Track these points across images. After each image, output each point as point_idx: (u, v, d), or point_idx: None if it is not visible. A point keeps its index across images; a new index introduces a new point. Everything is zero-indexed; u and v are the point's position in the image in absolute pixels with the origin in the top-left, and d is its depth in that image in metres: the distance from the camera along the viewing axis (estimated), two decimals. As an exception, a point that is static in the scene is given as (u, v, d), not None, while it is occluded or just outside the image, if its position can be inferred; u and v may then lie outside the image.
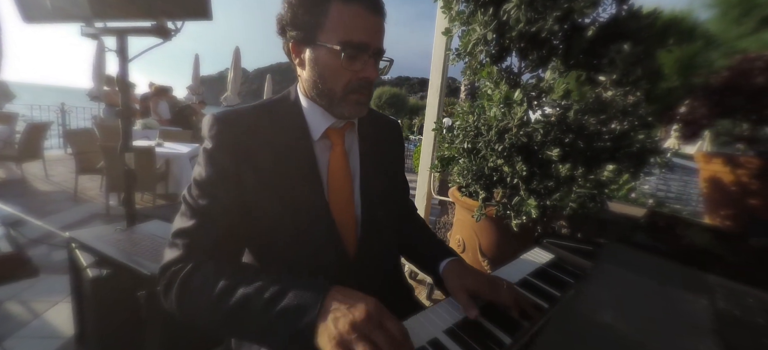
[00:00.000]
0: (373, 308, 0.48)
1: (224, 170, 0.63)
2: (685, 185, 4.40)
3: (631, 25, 1.35)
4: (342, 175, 0.72)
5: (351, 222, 0.73)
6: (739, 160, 1.76)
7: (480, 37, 1.56)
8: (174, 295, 0.58)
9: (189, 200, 0.64)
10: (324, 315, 0.48)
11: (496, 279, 0.67)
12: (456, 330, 0.58)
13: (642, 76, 1.30)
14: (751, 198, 1.70)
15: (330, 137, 0.72)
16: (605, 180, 1.25)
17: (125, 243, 1.25)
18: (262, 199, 0.65)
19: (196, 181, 0.64)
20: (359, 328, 0.45)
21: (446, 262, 0.76)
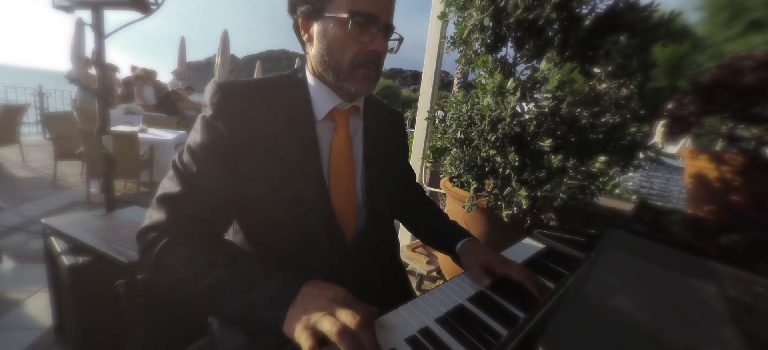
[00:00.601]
0: (340, 295, 0.49)
1: (221, 139, 0.60)
2: (667, 182, 4.52)
3: (629, 17, 1.34)
4: (344, 159, 0.70)
5: (351, 208, 0.72)
6: (725, 157, 1.80)
7: (476, 22, 1.53)
8: (151, 263, 0.56)
9: (179, 165, 0.61)
10: (295, 303, 0.48)
11: (507, 259, 0.70)
12: (447, 318, 0.57)
13: (637, 69, 1.30)
14: (734, 194, 1.74)
15: (334, 119, 0.70)
16: (596, 172, 1.25)
17: (103, 230, 1.20)
18: (258, 176, 0.62)
19: (190, 147, 0.61)
20: (324, 309, 0.46)
21: (464, 241, 0.78)
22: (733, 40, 4.86)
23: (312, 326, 0.45)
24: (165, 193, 0.60)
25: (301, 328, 0.45)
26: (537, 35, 1.54)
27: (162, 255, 0.55)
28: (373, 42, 0.63)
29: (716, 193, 1.81)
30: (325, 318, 0.44)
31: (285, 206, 0.64)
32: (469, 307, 0.61)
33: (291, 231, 0.65)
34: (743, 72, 1.63)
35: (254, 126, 0.62)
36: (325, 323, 0.43)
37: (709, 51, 4.82)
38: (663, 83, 5.41)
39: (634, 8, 1.35)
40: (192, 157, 0.61)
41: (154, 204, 0.61)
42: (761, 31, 4.71)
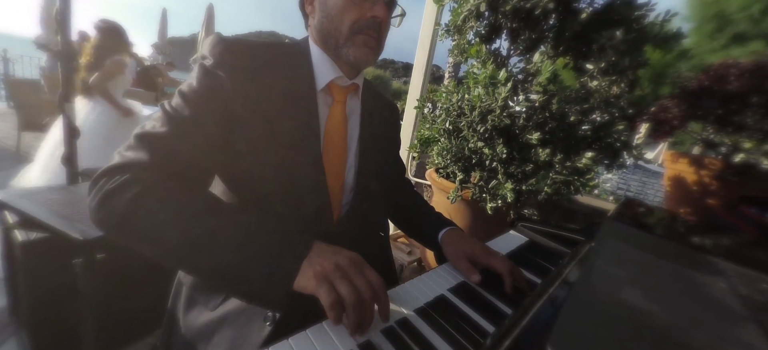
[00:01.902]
0: (356, 257, 0.48)
1: (219, 87, 0.56)
2: (644, 185, 4.69)
3: (626, 13, 1.33)
4: (338, 134, 0.68)
5: (339, 187, 0.69)
6: (704, 161, 1.84)
7: (473, 8, 1.49)
8: (123, 205, 0.46)
9: (167, 108, 0.56)
10: (310, 255, 0.47)
11: (491, 249, 0.68)
12: (427, 309, 0.53)
13: (629, 67, 1.29)
14: (711, 197, 1.78)
15: (332, 92, 0.68)
16: (582, 168, 1.25)
17: (60, 204, 1.10)
18: (251, 134, 0.58)
19: (182, 92, 0.57)
20: (342, 268, 0.45)
21: (445, 231, 0.76)
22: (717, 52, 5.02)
23: (330, 281, 0.43)
24: (146, 131, 0.53)
25: (318, 280, 0.43)
26: (532, 26, 1.51)
27: (142, 195, 0.47)
28: (373, 7, 0.61)
29: (694, 195, 1.85)
30: (343, 279, 0.43)
31: (277, 174, 0.60)
32: (451, 298, 0.57)
33: (279, 199, 0.61)
34: (729, 80, 1.65)
35: (256, 85, 0.59)
36: (343, 286, 0.43)
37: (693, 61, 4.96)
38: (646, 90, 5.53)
39: (631, 5, 1.34)
40: (185, 100, 0.55)
41: (131, 142, 0.52)
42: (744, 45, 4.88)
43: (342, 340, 0.43)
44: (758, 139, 1.74)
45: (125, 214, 0.47)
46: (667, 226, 0.84)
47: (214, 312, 0.57)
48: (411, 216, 0.88)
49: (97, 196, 0.49)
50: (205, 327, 0.57)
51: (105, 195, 0.48)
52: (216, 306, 0.57)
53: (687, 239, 0.71)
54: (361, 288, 0.44)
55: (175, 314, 0.64)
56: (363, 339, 0.44)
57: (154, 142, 0.52)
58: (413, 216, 0.88)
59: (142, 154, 0.51)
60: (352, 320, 0.42)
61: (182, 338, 0.60)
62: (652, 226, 0.75)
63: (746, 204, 1.60)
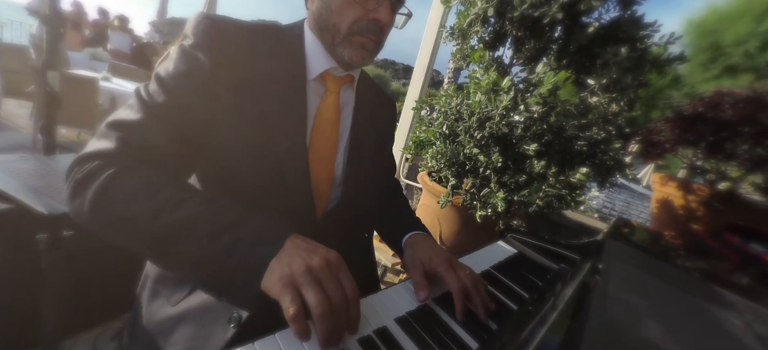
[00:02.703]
0: (333, 258, 0.43)
1: (199, 69, 0.52)
2: (628, 206, 4.77)
3: (631, 31, 1.32)
4: (329, 127, 0.64)
5: (327, 180, 0.65)
6: (692, 186, 1.86)
7: (480, 12, 1.47)
8: (91, 194, 0.45)
9: (142, 93, 0.52)
10: (281, 253, 0.42)
11: (455, 262, 0.61)
12: (408, 319, 0.50)
13: (631, 85, 1.28)
14: (697, 222, 1.80)
15: (326, 82, 0.64)
16: (575, 183, 1.23)
17: (30, 174, 1.04)
18: (233, 121, 0.54)
19: (158, 76, 0.52)
20: (314, 273, 0.40)
21: (410, 235, 0.70)
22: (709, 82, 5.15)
23: (297, 287, 0.39)
24: (118, 119, 0.50)
25: (284, 285, 0.38)
26: (538, 36, 1.50)
27: (110, 183, 0.45)
28: (377, 10, 0.57)
29: (681, 219, 1.87)
30: (312, 286, 0.38)
31: (259, 163, 0.56)
32: (435, 309, 0.54)
33: (260, 190, 0.58)
34: (723, 108, 1.67)
35: (240, 69, 0.54)
36: (311, 293, 0.38)
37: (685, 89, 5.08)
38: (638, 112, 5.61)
39: (637, 24, 1.33)
40: (160, 85, 0.51)
41: (103, 130, 0.50)
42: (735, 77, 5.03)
43: (314, 348, 0.39)
44: (746, 169, 1.77)
45: (93, 204, 0.45)
46: (660, 248, 0.83)
47: (175, 308, 0.53)
48: (387, 215, 0.83)
49: (69, 187, 0.48)
50: (166, 322, 0.53)
51: (75, 186, 0.47)
52: (178, 302, 0.54)
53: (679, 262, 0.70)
54: (333, 296, 0.39)
55: (140, 303, 0.60)
56: (337, 349, 0.40)
57: (125, 130, 0.49)
58: (388, 216, 0.82)
59: (112, 143, 0.48)
60: (320, 333, 0.38)
61: (143, 329, 0.56)
62: (647, 248, 0.74)
63: (731, 232, 1.62)
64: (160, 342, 0.52)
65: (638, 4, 1.44)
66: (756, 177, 1.79)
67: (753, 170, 1.76)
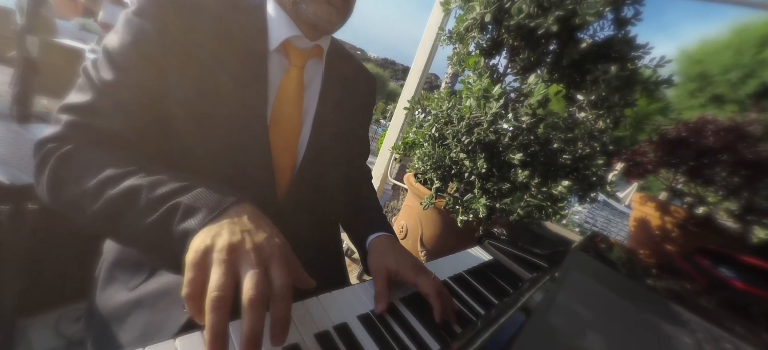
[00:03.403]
0: (270, 245, 0.37)
1: (148, 43, 0.48)
2: (609, 223, 4.89)
3: (623, 51, 1.35)
4: (291, 104, 0.60)
5: (289, 162, 0.61)
6: (670, 208, 1.90)
7: (477, 17, 1.47)
8: (47, 177, 0.46)
9: (90, 71, 0.50)
10: (214, 224, 0.37)
11: (423, 267, 0.59)
12: (371, 316, 0.49)
13: (618, 104, 1.31)
14: (671, 243, 1.85)
15: (289, 54, 0.59)
16: (557, 195, 1.25)
17: (-3, 140, 0.99)
18: (184, 95, 0.51)
19: (106, 50, 0.49)
20: (235, 253, 0.34)
21: (375, 236, 0.67)
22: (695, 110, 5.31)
23: (207, 264, 0.33)
24: (69, 103, 0.49)
25: (192, 260, 0.33)
26: (533, 47, 1.51)
27: (60, 165, 0.45)
28: None
29: (656, 239, 1.92)
30: (221, 266, 0.33)
31: (214, 140, 0.53)
32: (401, 309, 0.54)
33: (216, 168, 0.55)
34: (705, 134, 1.72)
35: (192, 37, 0.51)
36: (215, 274, 0.32)
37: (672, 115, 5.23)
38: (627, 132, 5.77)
39: (630, 44, 1.36)
40: (108, 60, 0.49)
41: (54, 116, 0.50)
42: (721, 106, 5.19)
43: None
44: (722, 195, 1.83)
45: (49, 187, 0.46)
46: (631, 265, 0.84)
47: (131, 293, 0.51)
48: (352, 207, 0.78)
49: (34, 172, 0.49)
50: (121, 307, 0.51)
51: (35, 171, 0.48)
52: (135, 287, 0.52)
53: (645, 279, 0.71)
54: (249, 285, 0.32)
55: (96, 288, 0.58)
56: (289, 341, 0.39)
57: (75, 113, 0.48)
58: (353, 209, 0.77)
59: (62, 127, 0.48)
60: (208, 324, 0.30)
61: (99, 315, 0.54)
62: (615, 263, 0.75)
63: (702, 255, 1.67)
64: (114, 329, 0.50)
65: (632, 25, 1.48)
66: (731, 204, 1.84)
67: (728, 197, 1.81)
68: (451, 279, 0.69)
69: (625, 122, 1.51)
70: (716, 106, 4.93)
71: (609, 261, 0.73)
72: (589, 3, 1.28)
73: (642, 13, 1.45)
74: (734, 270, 1.38)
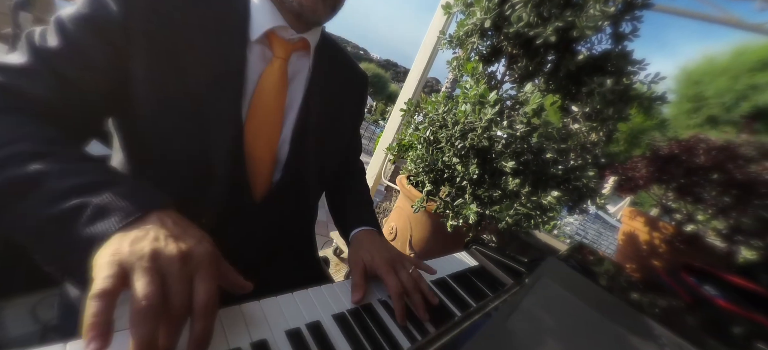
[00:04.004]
0: (199, 253, 0.34)
1: (104, 16, 0.44)
2: (599, 236, 4.92)
3: (620, 65, 1.36)
4: (272, 98, 0.57)
5: (267, 158, 0.59)
6: (658, 223, 1.92)
7: (477, 22, 1.48)
8: None
9: (34, 37, 0.44)
10: (133, 229, 0.33)
11: (400, 262, 0.58)
12: (346, 316, 0.49)
13: (611, 117, 1.32)
14: (658, 258, 1.87)
15: (273, 46, 0.56)
16: (546, 205, 1.25)
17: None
18: (151, 82, 0.47)
19: (58, 19, 0.44)
20: (159, 261, 0.31)
21: (358, 230, 0.66)
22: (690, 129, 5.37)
23: (126, 268, 0.30)
24: (4, 62, 0.43)
25: (107, 262, 0.29)
26: (531, 57, 1.52)
27: None
28: None
29: (643, 254, 1.94)
30: (147, 273, 0.29)
31: (181, 133, 0.50)
32: (377, 309, 0.53)
33: (182, 165, 0.52)
34: (697, 153, 1.74)
35: (161, 20, 0.47)
36: (140, 281, 0.29)
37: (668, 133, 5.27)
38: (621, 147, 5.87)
39: (626, 58, 1.37)
40: (57, 29, 0.44)
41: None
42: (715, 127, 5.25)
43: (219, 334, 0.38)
44: (711, 214, 1.85)
45: None
46: (610, 277, 0.85)
47: None
48: (340, 205, 0.77)
49: None
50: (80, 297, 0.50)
51: None
52: None
53: (626, 293, 0.71)
54: (173, 298, 0.30)
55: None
56: (258, 337, 0.38)
57: (6, 74, 0.42)
58: (342, 206, 0.76)
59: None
60: (133, 337, 0.28)
61: (64, 302, 0.53)
62: (595, 274, 0.75)
63: (687, 272, 1.69)
64: (75, 318, 0.50)
65: (630, 40, 1.49)
66: (719, 223, 1.87)
67: (717, 216, 1.83)
68: (434, 282, 0.69)
69: (620, 136, 1.53)
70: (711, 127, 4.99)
71: (588, 271, 0.73)
72: (588, 16, 1.29)
73: (640, 29, 1.46)
74: (718, 288, 1.40)
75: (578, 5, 1.33)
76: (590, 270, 0.76)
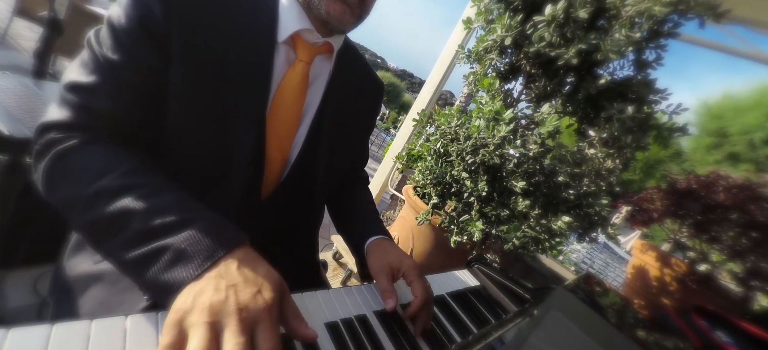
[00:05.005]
0: (257, 305, 0.34)
1: (149, 16, 0.46)
2: (606, 266, 4.77)
3: (641, 93, 1.32)
4: (292, 99, 0.57)
5: (280, 159, 0.59)
6: (671, 260, 1.85)
7: (498, 39, 1.47)
8: (42, 170, 0.43)
9: (95, 47, 0.47)
10: (201, 277, 0.34)
11: (420, 273, 0.58)
12: (339, 325, 0.47)
13: (630, 145, 1.28)
14: (668, 297, 1.80)
15: (297, 47, 0.57)
16: (555, 230, 1.22)
17: (4, 92, 1.01)
18: (184, 77, 0.49)
19: (111, 26, 0.46)
20: (218, 316, 0.32)
21: (374, 239, 0.66)
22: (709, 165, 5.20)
23: (184, 326, 0.31)
24: (75, 82, 0.46)
25: (170, 320, 0.31)
26: (550, 76, 1.50)
27: (56, 164, 0.43)
28: None
29: (652, 290, 1.86)
30: (202, 329, 0.30)
31: (208, 126, 0.51)
32: (371, 321, 0.52)
33: (206, 161, 0.53)
34: (716, 190, 1.68)
35: (199, 19, 0.49)
36: (195, 339, 0.30)
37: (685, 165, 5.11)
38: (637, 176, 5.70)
39: (648, 86, 1.33)
40: (114, 37, 0.46)
41: (61, 94, 0.47)
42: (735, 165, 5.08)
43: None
44: (727, 256, 1.77)
45: (44, 180, 0.44)
46: (618, 313, 0.81)
47: (95, 266, 0.51)
48: (349, 213, 0.76)
49: (33, 157, 0.46)
50: (84, 277, 0.50)
51: (34, 157, 0.45)
52: (100, 261, 0.51)
53: (634, 331, 0.68)
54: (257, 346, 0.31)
55: (65, 253, 0.57)
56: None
57: (79, 97, 0.45)
58: (351, 215, 0.76)
59: (68, 112, 0.45)
60: None
61: (62, 280, 0.53)
62: (603, 309, 0.72)
63: (699, 314, 1.61)
64: (73, 296, 0.50)
65: (653, 69, 1.45)
66: (736, 265, 1.79)
67: (734, 258, 1.76)
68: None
69: (636, 165, 1.48)
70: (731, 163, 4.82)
71: (597, 305, 0.70)
72: (612, 40, 1.26)
73: (664, 58, 1.43)
74: (731, 335, 1.33)
75: (603, 29, 1.31)
76: (598, 304, 0.73)
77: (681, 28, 1.33)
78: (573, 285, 0.75)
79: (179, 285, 0.34)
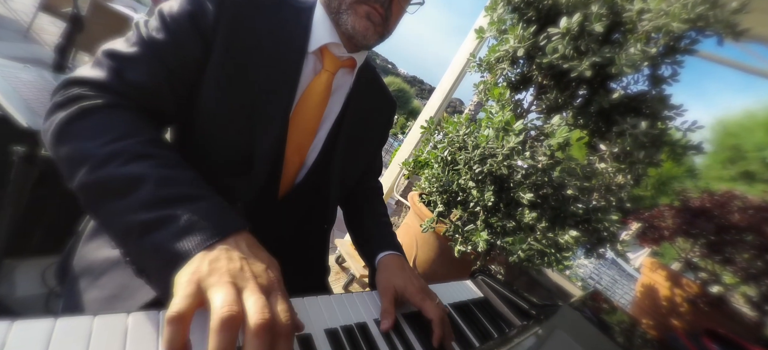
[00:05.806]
0: (269, 277, 0.36)
1: (201, 15, 0.50)
2: (614, 283, 4.66)
3: (656, 108, 1.30)
4: (314, 105, 0.61)
5: (297, 161, 0.63)
6: (681, 280, 1.80)
7: (510, 50, 1.46)
8: (62, 118, 0.42)
9: (142, 27, 0.50)
10: (212, 248, 0.35)
11: (429, 291, 0.59)
12: (338, 332, 0.47)
13: (642, 161, 1.25)
14: (678, 318, 1.74)
15: (324, 58, 0.61)
16: (562, 244, 1.20)
17: (24, 84, 1.03)
18: (221, 76, 0.52)
19: (162, 14, 0.50)
20: (237, 279, 0.33)
21: (386, 254, 0.67)
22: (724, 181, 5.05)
23: (203, 286, 0.32)
24: (115, 50, 0.47)
25: (187, 281, 0.31)
26: (562, 88, 1.48)
27: (82, 113, 0.42)
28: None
29: (662, 311, 1.81)
30: (224, 286, 0.31)
31: (236, 123, 0.54)
32: (372, 329, 0.51)
33: (229, 155, 0.56)
34: (731, 209, 1.63)
35: (243, 26, 0.53)
36: (220, 292, 0.31)
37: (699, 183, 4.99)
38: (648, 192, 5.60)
39: (663, 102, 1.31)
40: (162, 22, 0.49)
41: (97, 58, 0.48)
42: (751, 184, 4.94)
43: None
44: (741, 278, 1.71)
45: (57, 129, 0.42)
46: (626, 333, 0.79)
47: (112, 252, 0.51)
48: (363, 223, 0.79)
49: (49, 105, 0.46)
50: (98, 263, 0.51)
51: (52, 106, 0.45)
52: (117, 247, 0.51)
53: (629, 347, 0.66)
54: (258, 310, 0.31)
55: (79, 239, 0.58)
56: None
57: (117, 61, 0.47)
58: (365, 225, 0.78)
59: (101, 73, 0.46)
60: (215, 346, 0.29)
61: (74, 267, 0.53)
62: (611, 328, 0.70)
63: (710, 338, 1.56)
64: (87, 282, 0.51)
65: (668, 84, 1.43)
66: (749, 289, 1.73)
67: (748, 281, 1.70)
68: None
69: (648, 182, 1.45)
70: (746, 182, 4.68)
71: (604, 325, 0.68)
72: (628, 54, 1.24)
73: (680, 74, 1.40)
74: (744, 362, 1.28)
75: (618, 42, 1.29)
76: (605, 323, 0.71)
77: (698, 44, 1.31)
78: (579, 303, 0.73)
79: (187, 254, 0.34)
